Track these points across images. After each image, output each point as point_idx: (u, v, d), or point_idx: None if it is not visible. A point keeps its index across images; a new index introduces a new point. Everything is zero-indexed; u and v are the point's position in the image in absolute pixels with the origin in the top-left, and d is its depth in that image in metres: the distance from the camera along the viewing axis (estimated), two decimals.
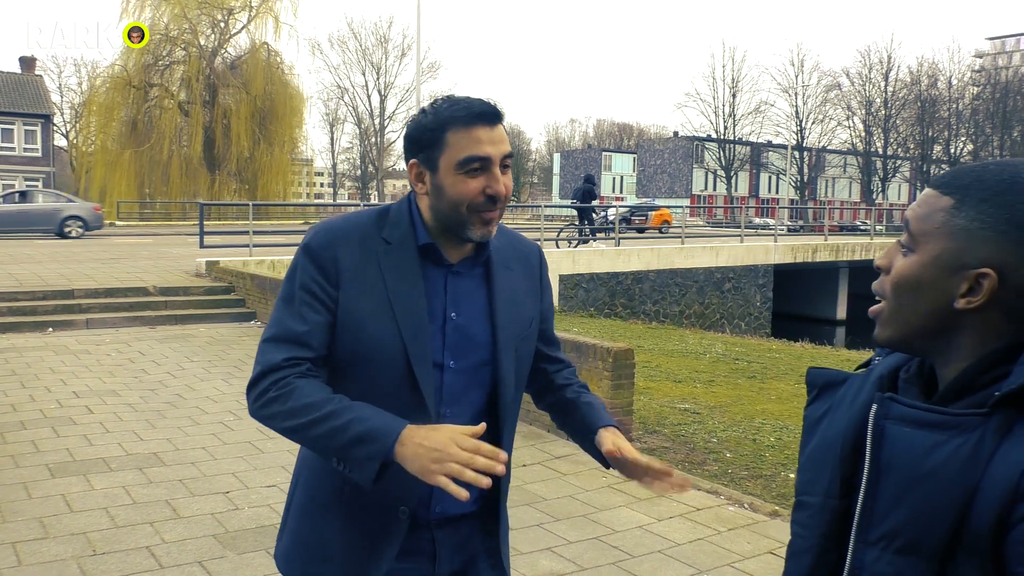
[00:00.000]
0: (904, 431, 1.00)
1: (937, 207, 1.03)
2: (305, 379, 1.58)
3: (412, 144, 1.67)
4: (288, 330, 1.62)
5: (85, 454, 5.76)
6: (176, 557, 4.13)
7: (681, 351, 11.47)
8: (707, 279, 21.31)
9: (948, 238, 1.01)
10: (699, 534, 4.61)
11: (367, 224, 1.69)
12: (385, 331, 1.62)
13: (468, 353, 1.71)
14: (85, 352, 9.51)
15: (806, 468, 1.19)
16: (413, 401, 1.63)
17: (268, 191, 42.56)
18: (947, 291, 1.02)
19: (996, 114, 68.24)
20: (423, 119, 1.64)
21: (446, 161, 1.61)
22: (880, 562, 1.00)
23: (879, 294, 1.10)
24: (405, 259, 1.67)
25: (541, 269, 1.88)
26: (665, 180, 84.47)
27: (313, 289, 1.62)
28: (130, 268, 15.24)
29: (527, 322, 1.80)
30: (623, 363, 6.04)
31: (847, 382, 1.20)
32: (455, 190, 1.61)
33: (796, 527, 1.18)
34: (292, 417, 1.55)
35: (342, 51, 71.98)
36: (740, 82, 75.84)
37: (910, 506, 0.97)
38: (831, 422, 1.17)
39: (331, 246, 1.65)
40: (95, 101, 42.56)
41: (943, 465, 0.95)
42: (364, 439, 1.49)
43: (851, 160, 77.34)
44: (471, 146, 1.59)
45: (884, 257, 1.10)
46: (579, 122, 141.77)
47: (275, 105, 43.13)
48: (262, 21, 44.55)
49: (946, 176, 1.06)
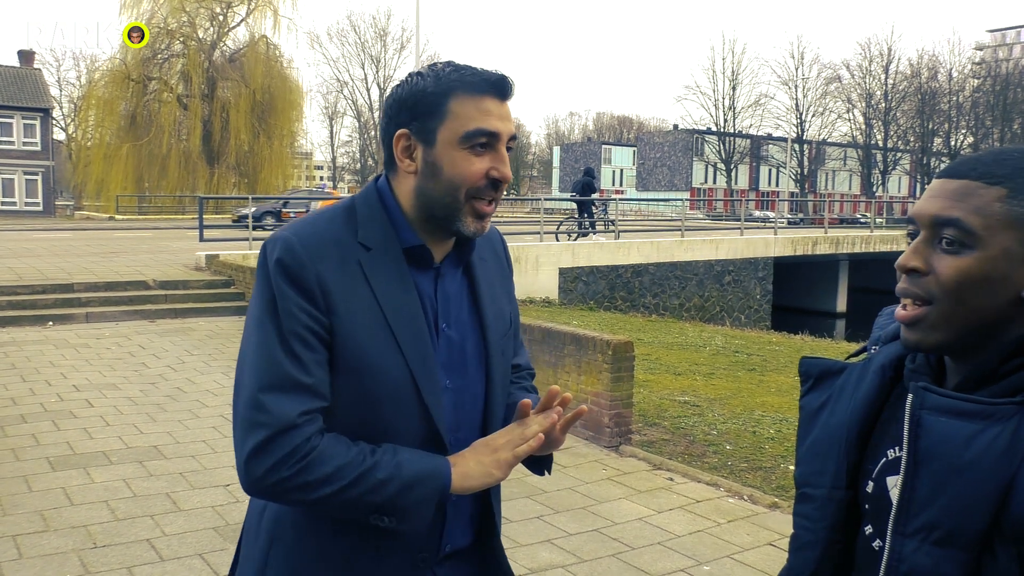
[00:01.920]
0: (941, 421, 0.98)
1: (990, 198, 0.99)
2: (325, 438, 1.34)
3: (402, 110, 1.40)
4: (288, 378, 1.32)
5: (85, 447, 5.76)
6: (177, 550, 4.14)
7: (681, 344, 11.47)
8: (707, 272, 21.31)
9: (1013, 227, 0.98)
10: (699, 526, 4.62)
11: (337, 228, 1.40)
12: (387, 358, 1.37)
13: (462, 369, 1.49)
14: (85, 346, 9.52)
15: (808, 459, 1.17)
16: (424, 432, 1.41)
17: (267, 185, 42.54)
18: (1016, 282, 0.99)
19: (996, 106, 68.16)
20: (420, 82, 1.39)
21: (448, 133, 1.37)
22: (919, 553, 0.98)
23: (917, 296, 1.03)
24: (392, 267, 1.40)
25: (507, 257, 1.66)
26: (665, 173, 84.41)
27: (303, 320, 1.33)
28: (130, 262, 15.24)
29: (508, 321, 1.59)
30: (623, 356, 6.04)
31: (844, 372, 1.18)
32: (456, 169, 1.37)
33: (801, 520, 1.16)
34: (324, 485, 1.30)
35: (341, 44, 72.05)
36: (740, 75, 75.89)
37: (949, 497, 0.95)
38: (832, 412, 1.16)
39: (310, 262, 1.34)
40: (94, 95, 42.54)
41: (982, 455, 0.94)
42: (414, 484, 1.33)
43: (851, 153, 77.29)
44: (480, 117, 1.36)
45: (915, 258, 1.03)
46: (579, 115, 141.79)
47: (274, 98, 43.11)
48: (261, 14, 44.55)
49: (976, 166, 1.02)
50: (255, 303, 1.38)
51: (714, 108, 76.14)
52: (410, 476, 1.33)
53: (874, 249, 26.94)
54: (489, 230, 1.59)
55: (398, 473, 1.33)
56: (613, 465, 5.67)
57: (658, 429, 6.45)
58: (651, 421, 6.66)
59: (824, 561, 1.13)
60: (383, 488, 1.32)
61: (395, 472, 1.33)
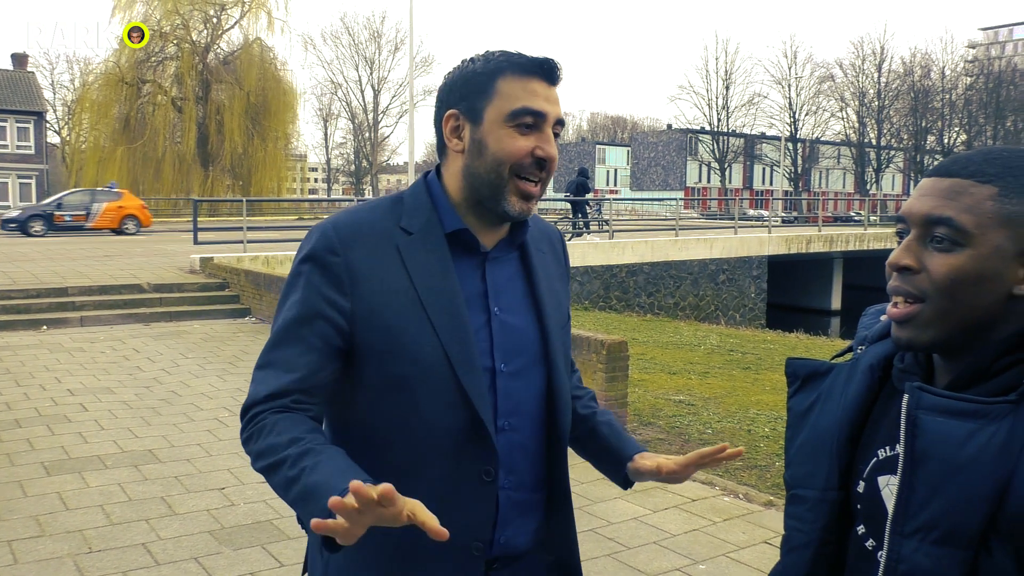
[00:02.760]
0: (937, 421, 0.98)
1: (982, 196, 1.00)
2: (282, 414, 1.33)
3: (452, 92, 1.42)
4: (280, 359, 1.37)
5: (80, 452, 5.75)
6: (172, 554, 4.14)
7: (676, 343, 11.49)
8: (701, 271, 21.33)
9: (1006, 226, 0.99)
10: (694, 525, 4.63)
11: (380, 215, 1.43)
12: (421, 339, 1.36)
13: (519, 352, 1.46)
14: (79, 350, 9.50)
15: (798, 461, 1.17)
16: (465, 418, 1.38)
17: (262, 187, 42.53)
18: (1009, 279, 1.00)
19: (989, 104, 68.31)
20: (470, 66, 1.42)
21: (494, 111, 1.38)
22: (918, 554, 0.98)
23: (909, 294, 1.04)
24: (432, 249, 1.41)
25: (564, 253, 1.66)
26: (659, 173, 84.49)
27: (320, 307, 1.37)
28: (124, 265, 15.21)
29: (566, 312, 1.58)
30: (617, 355, 6.05)
31: (832, 372, 1.18)
32: (500, 145, 1.38)
33: (792, 521, 1.16)
34: (260, 458, 1.32)
35: (335, 46, 71.55)
36: (733, 74, 75.90)
37: (947, 497, 0.96)
38: (822, 413, 1.16)
39: (341, 249, 1.38)
40: (88, 98, 42.48)
41: (978, 454, 0.94)
42: (307, 495, 1.21)
43: (845, 151, 77.37)
44: (526, 97, 1.38)
45: (907, 256, 1.04)
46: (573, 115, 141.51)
47: (268, 101, 43.09)
48: (254, 16, 44.52)
49: (967, 164, 1.03)
50: (285, 284, 1.43)
51: (708, 107, 76.16)
52: (309, 485, 1.21)
53: (868, 247, 26.99)
54: (547, 227, 1.63)
55: (303, 477, 1.22)
56: None
57: (653, 428, 6.46)
58: (646, 420, 6.66)
59: (816, 562, 1.12)
60: (290, 487, 1.24)
61: (301, 475, 1.23)
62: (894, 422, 1.05)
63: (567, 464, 1.56)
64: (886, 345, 1.15)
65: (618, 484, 1.63)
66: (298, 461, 1.25)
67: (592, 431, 1.64)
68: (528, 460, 1.48)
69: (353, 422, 1.45)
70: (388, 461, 1.40)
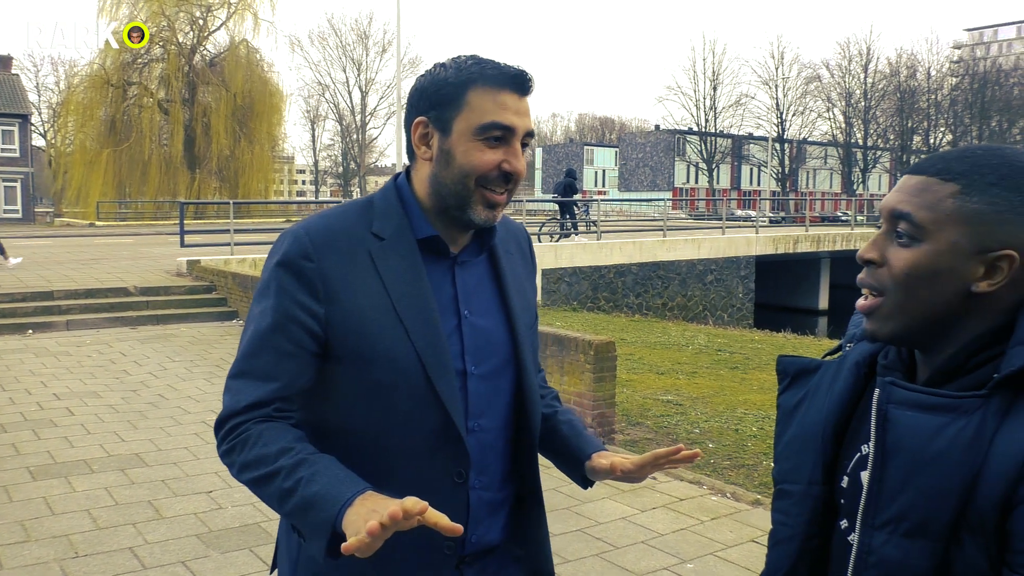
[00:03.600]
0: (908, 415, 1.00)
1: (943, 194, 1.02)
2: (266, 424, 1.34)
3: (423, 99, 1.42)
4: (256, 367, 1.37)
5: (66, 456, 5.72)
6: (159, 558, 4.12)
7: (664, 343, 11.51)
8: (689, 271, 21.38)
9: (963, 223, 1.00)
10: (682, 524, 4.64)
11: (352, 221, 1.44)
12: (395, 344, 1.38)
13: (489, 354, 1.48)
14: (65, 354, 9.45)
15: (786, 456, 1.19)
16: (438, 421, 1.40)
17: (249, 189, 42.39)
18: (965, 276, 1.01)
19: (975, 104, 68.78)
20: (441, 72, 1.41)
21: (463, 124, 1.38)
22: (888, 546, 1.00)
23: (872, 287, 1.07)
24: (404, 255, 1.42)
25: (531, 252, 1.68)
26: (647, 173, 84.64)
27: (293, 313, 1.37)
28: (110, 268, 15.14)
29: (533, 311, 1.61)
30: (605, 356, 6.06)
31: (820, 369, 1.20)
32: (467, 158, 1.38)
33: (779, 515, 1.18)
34: (246, 470, 1.33)
35: (322, 47, 71.68)
36: (721, 75, 76.14)
37: (917, 489, 0.98)
38: (809, 409, 1.18)
39: (315, 255, 1.38)
40: (73, 100, 42.26)
41: (948, 447, 0.96)
42: (310, 506, 1.23)
43: (831, 151, 77.74)
44: (496, 111, 1.38)
45: (872, 249, 1.07)
46: (561, 116, 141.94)
47: (255, 102, 42.96)
48: (240, 18, 44.38)
49: (935, 163, 1.05)
50: (257, 290, 1.43)
51: (695, 108, 76.40)
52: (309, 496, 1.24)
53: (855, 247, 27.09)
54: (513, 226, 1.64)
55: (300, 488, 1.25)
56: None
57: (641, 428, 6.48)
58: (634, 420, 6.68)
59: (802, 556, 1.14)
60: (286, 498, 1.27)
61: (298, 486, 1.25)
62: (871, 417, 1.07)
63: (537, 463, 1.60)
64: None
65: (578, 483, 1.66)
66: (293, 472, 1.26)
67: (552, 430, 1.65)
68: (498, 460, 1.52)
69: (326, 426, 1.45)
70: (361, 464, 1.40)
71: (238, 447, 1.33)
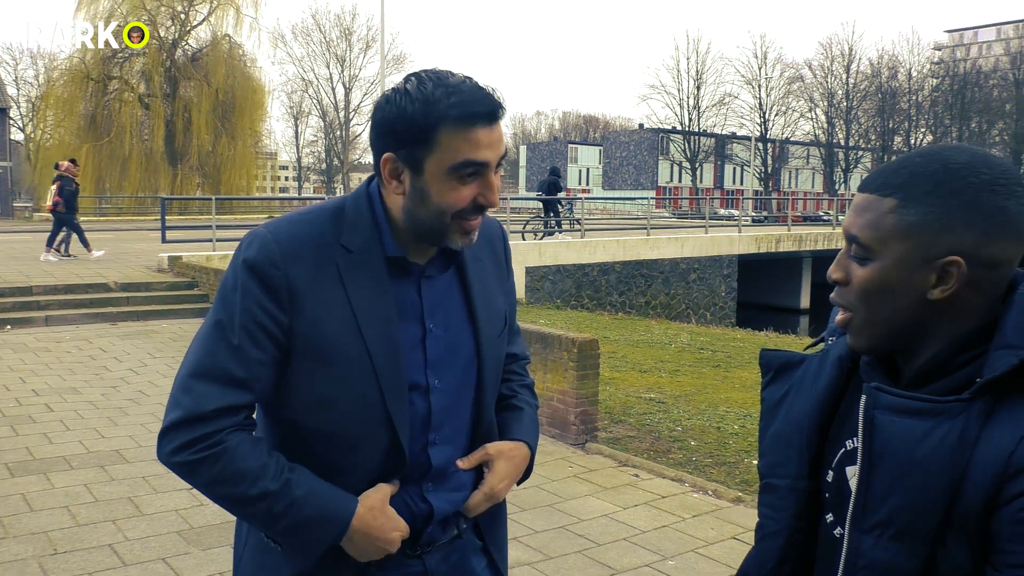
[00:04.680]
0: (894, 420, 1.01)
1: (883, 210, 1.04)
2: (239, 436, 1.35)
3: (390, 136, 1.36)
4: (222, 369, 1.34)
5: (45, 452, 5.67)
6: (139, 554, 4.10)
7: (647, 341, 11.55)
8: (672, 270, 21.46)
9: (906, 237, 1.03)
10: (664, 521, 4.66)
11: (321, 229, 1.41)
12: (352, 360, 1.38)
13: (452, 368, 1.49)
14: (44, 350, 9.36)
15: (771, 450, 1.21)
16: (387, 439, 1.42)
17: (231, 185, 42.06)
18: (918, 286, 1.04)
19: (955, 106, 69.43)
20: (409, 108, 1.33)
21: (436, 164, 1.34)
22: (876, 548, 1.01)
23: (842, 305, 1.11)
24: (371, 270, 1.41)
25: (506, 251, 1.66)
26: (631, 172, 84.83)
27: (259, 318, 1.35)
28: (90, 264, 15.02)
29: (502, 319, 1.60)
30: (588, 354, 6.07)
31: (803, 363, 1.22)
32: (443, 198, 1.36)
33: (766, 509, 1.20)
34: (221, 485, 1.34)
35: (306, 43, 70.92)
36: (704, 74, 76.38)
37: (904, 493, 0.99)
38: (793, 404, 1.19)
39: (282, 263, 1.36)
40: (52, 94, 41.78)
41: (934, 451, 0.98)
42: (307, 526, 1.35)
43: (814, 151, 78.23)
44: (468, 149, 1.33)
45: (838, 269, 1.10)
46: (545, 114, 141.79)
47: (237, 98, 42.62)
48: (223, 12, 43.96)
49: (876, 178, 1.07)
50: (221, 291, 1.41)
51: (679, 107, 76.63)
52: (306, 517, 1.34)
53: (836, 246, 27.26)
54: (490, 224, 1.60)
55: (293, 511, 1.34)
56: (579, 463, 5.70)
57: (624, 426, 6.50)
58: (617, 418, 6.70)
59: (789, 548, 1.17)
60: (276, 521, 1.33)
61: (290, 509, 1.33)
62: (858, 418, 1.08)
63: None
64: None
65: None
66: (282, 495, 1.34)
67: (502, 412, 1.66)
68: (460, 470, 1.54)
69: (276, 432, 1.47)
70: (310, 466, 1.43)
71: (210, 460, 1.32)
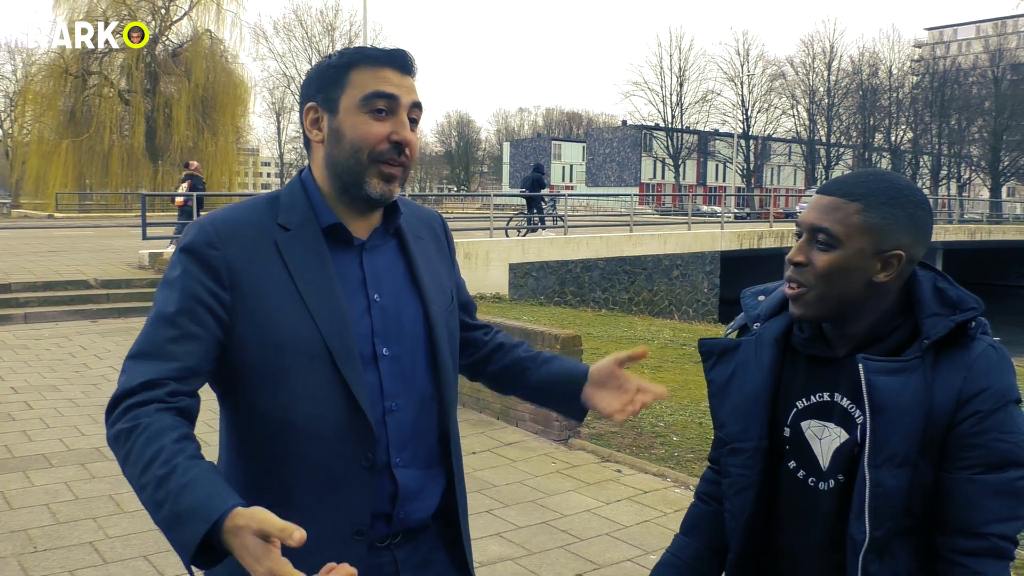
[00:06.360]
0: (882, 379, 1.34)
1: (850, 211, 1.37)
2: (156, 415, 1.27)
3: (310, 86, 1.49)
4: (156, 346, 1.34)
5: (24, 450, 5.63)
6: (120, 552, 4.08)
7: (630, 337, 11.58)
8: (655, 266, 21.52)
9: (867, 233, 1.36)
10: (646, 516, 4.69)
11: (258, 213, 1.47)
12: (300, 330, 1.40)
13: (401, 336, 1.51)
14: (23, 347, 9.29)
15: (733, 421, 1.52)
16: (345, 406, 1.42)
17: (213, 182, 41.65)
18: (868, 271, 1.38)
19: (935, 103, 69.90)
20: (326, 60, 1.50)
21: (348, 99, 1.45)
22: (889, 478, 1.33)
23: (800, 282, 1.40)
24: (309, 244, 1.45)
25: (447, 235, 1.72)
26: (614, 169, 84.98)
27: (200, 295, 1.37)
28: (70, 261, 14.89)
29: (449, 294, 1.64)
30: (571, 350, 6.08)
31: (741, 347, 1.54)
32: (356, 132, 1.44)
33: (737, 469, 1.50)
34: (125, 465, 1.28)
35: (288, 39, 70.44)
36: (687, 71, 76.58)
37: (899, 432, 1.33)
38: (744, 381, 1.51)
39: (219, 244, 1.40)
40: (31, 89, 41.34)
41: (912, 398, 1.33)
42: (179, 519, 1.16)
43: (796, 148, 78.60)
44: (377, 83, 1.44)
45: (799, 253, 1.40)
46: (528, 111, 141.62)
47: (218, 94, 42.28)
48: (204, 8, 43.57)
49: (841, 187, 1.39)
50: (165, 278, 1.43)
51: (662, 104, 76.80)
52: (180, 509, 1.16)
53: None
54: (425, 212, 1.69)
55: (171, 499, 1.18)
56: (562, 458, 5.72)
57: (606, 422, 6.52)
58: (599, 414, 6.71)
59: (759, 496, 1.49)
60: (158, 508, 1.20)
61: (168, 497, 1.18)
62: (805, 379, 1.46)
63: (459, 440, 1.65)
64: (782, 320, 1.52)
65: (572, 415, 1.80)
66: (165, 481, 1.20)
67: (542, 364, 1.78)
68: (420, 439, 1.54)
69: (233, 411, 1.47)
70: (266, 452, 1.44)
71: (123, 435, 1.27)
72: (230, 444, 1.50)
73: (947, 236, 34.26)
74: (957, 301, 1.38)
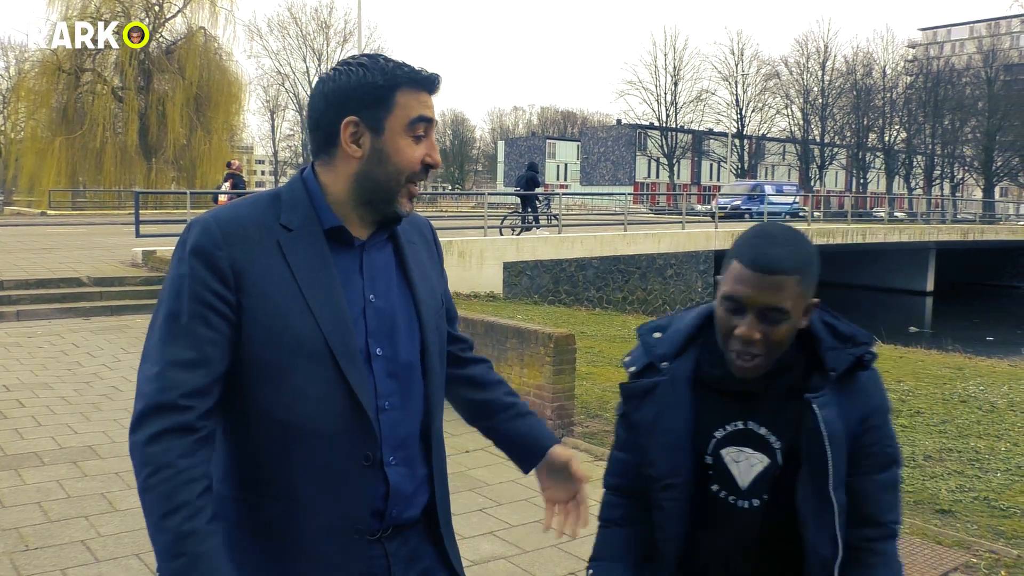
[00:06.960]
0: (824, 411, 1.53)
1: (792, 284, 1.49)
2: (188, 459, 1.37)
3: (350, 99, 1.47)
4: (180, 357, 1.38)
5: (16, 448, 5.61)
6: (112, 550, 4.07)
7: (623, 336, 11.59)
8: (649, 265, 21.54)
9: (803, 297, 1.52)
10: None
11: (260, 212, 1.48)
12: (302, 329, 1.43)
13: (394, 337, 1.54)
14: (16, 345, 9.25)
15: (664, 459, 1.63)
16: (345, 403, 1.45)
17: (207, 179, 41.60)
18: (799, 323, 1.55)
19: (928, 103, 70.16)
20: (366, 75, 1.47)
21: (395, 122, 1.48)
22: (841, 496, 1.53)
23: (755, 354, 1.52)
24: (311, 243, 1.48)
25: (436, 241, 1.75)
26: (608, 168, 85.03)
27: (208, 299, 1.40)
28: (63, 258, 14.84)
29: (439, 298, 1.67)
30: (564, 349, 6.09)
31: (658, 387, 1.64)
32: (401, 156, 1.48)
33: (671, 502, 1.64)
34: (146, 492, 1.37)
35: (282, 36, 70.33)
36: (681, 71, 76.70)
37: (840, 455, 1.53)
38: (669, 420, 1.62)
39: (224, 245, 1.42)
40: (24, 86, 41.22)
41: (842, 424, 1.54)
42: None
43: (790, 148, 78.72)
44: (420, 107, 1.49)
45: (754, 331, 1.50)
46: (523, 110, 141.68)
47: (212, 92, 42.17)
48: (198, 5, 43.44)
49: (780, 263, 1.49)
50: (169, 279, 1.44)
51: (656, 103, 76.90)
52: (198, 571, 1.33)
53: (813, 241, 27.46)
54: (416, 218, 1.70)
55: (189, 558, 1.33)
56: None
57: (600, 421, 6.52)
58: (593, 413, 6.72)
59: (690, 521, 1.64)
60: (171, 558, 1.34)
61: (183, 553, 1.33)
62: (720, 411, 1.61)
63: (443, 441, 1.68)
64: (690, 359, 1.64)
65: (521, 467, 1.84)
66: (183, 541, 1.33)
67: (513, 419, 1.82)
68: (413, 439, 1.58)
69: (234, 409, 1.48)
70: (267, 449, 1.46)
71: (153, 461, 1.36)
72: (230, 440, 1.50)
73: (940, 236, 34.38)
74: (849, 335, 1.58)
